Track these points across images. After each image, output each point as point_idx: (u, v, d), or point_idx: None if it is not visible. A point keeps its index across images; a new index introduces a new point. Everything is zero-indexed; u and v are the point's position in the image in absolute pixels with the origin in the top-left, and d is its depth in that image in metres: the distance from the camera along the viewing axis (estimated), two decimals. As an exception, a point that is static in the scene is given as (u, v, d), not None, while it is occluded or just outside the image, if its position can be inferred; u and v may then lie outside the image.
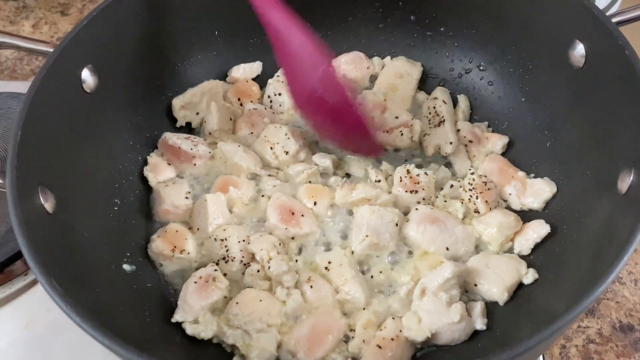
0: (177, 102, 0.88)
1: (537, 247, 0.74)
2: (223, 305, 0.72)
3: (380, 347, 0.65)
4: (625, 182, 0.61)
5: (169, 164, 0.84)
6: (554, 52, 0.76)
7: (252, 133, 0.87)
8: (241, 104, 0.92)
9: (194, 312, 0.70)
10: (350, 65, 0.92)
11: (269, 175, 0.83)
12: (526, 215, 0.78)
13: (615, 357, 0.78)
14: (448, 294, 0.67)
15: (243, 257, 0.74)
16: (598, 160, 0.70)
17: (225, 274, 0.74)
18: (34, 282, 0.83)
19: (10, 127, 0.97)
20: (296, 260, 0.75)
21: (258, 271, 0.73)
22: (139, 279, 0.73)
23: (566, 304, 0.51)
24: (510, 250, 0.76)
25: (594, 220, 0.66)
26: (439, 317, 0.66)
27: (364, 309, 0.71)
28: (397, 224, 0.74)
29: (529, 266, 0.72)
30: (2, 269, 0.83)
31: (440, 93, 0.88)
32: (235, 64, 0.94)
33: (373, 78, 0.93)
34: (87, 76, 0.74)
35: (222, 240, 0.75)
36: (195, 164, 0.84)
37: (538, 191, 0.77)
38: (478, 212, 0.77)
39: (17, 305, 0.81)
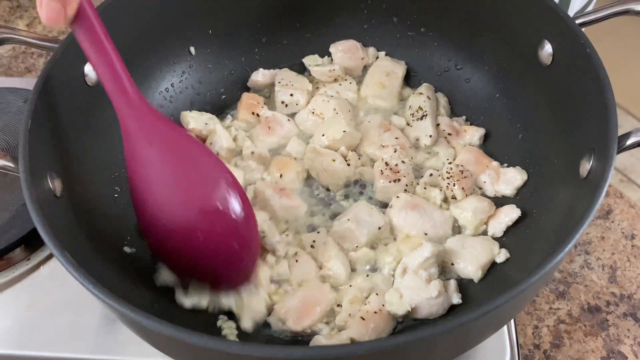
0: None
1: (509, 229, 0.79)
2: None
3: (363, 319, 0.70)
4: (585, 168, 0.67)
5: None
6: (525, 51, 0.81)
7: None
8: (257, 115, 0.92)
9: (167, 280, 0.75)
10: (346, 54, 0.96)
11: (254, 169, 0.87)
12: (499, 201, 0.83)
13: (584, 336, 0.83)
14: (427, 272, 0.72)
15: None
16: (564, 149, 0.75)
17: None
18: (35, 268, 0.86)
19: (10, 121, 1.00)
20: (287, 235, 0.80)
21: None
22: (139, 260, 0.77)
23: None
24: (485, 233, 0.81)
25: (558, 204, 0.72)
26: (419, 293, 0.70)
27: (350, 286, 0.75)
28: (379, 228, 0.78)
29: (501, 247, 0.77)
30: (2, 256, 0.86)
31: (425, 89, 0.93)
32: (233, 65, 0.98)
33: (366, 68, 0.98)
34: (90, 70, 0.78)
35: None
36: None
37: (510, 179, 0.83)
38: (455, 198, 0.82)
39: (20, 289, 0.84)
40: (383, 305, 0.71)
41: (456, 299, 0.73)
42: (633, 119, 2.53)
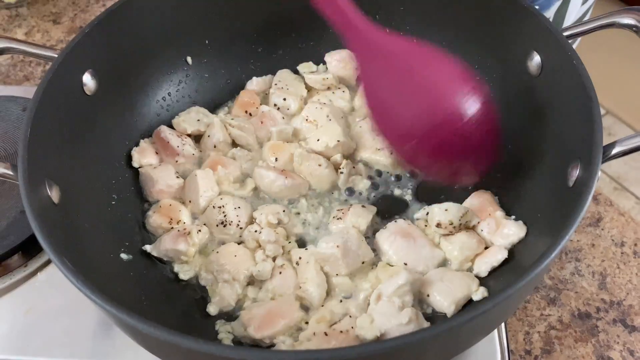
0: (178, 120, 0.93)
1: (495, 270, 0.78)
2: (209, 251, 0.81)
3: (326, 334, 0.70)
4: (573, 176, 0.68)
5: (156, 153, 0.90)
6: (514, 62, 0.83)
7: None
8: (250, 115, 0.95)
9: (161, 251, 0.80)
10: (340, 63, 0.97)
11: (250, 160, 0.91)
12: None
13: (574, 342, 0.84)
14: (401, 299, 0.71)
15: (240, 221, 0.82)
16: (553, 158, 0.76)
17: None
18: (32, 274, 0.87)
19: (8, 129, 1.01)
20: (289, 242, 0.82)
21: (256, 231, 0.81)
22: (136, 267, 0.78)
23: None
24: (470, 270, 0.79)
25: (547, 211, 0.73)
26: (390, 319, 0.69)
27: (322, 306, 0.75)
28: (363, 263, 0.78)
29: (482, 285, 0.76)
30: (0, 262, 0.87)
31: None
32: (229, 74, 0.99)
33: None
34: (88, 80, 0.80)
35: (220, 207, 0.82)
36: (177, 161, 0.89)
37: (508, 233, 0.79)
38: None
39: (17, 295, 0.85)
40: (352, 327, 0.71)
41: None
42: (626, 126, 2.56)
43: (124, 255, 0.79)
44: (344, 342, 0.69)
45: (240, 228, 0.82)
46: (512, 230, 0.79)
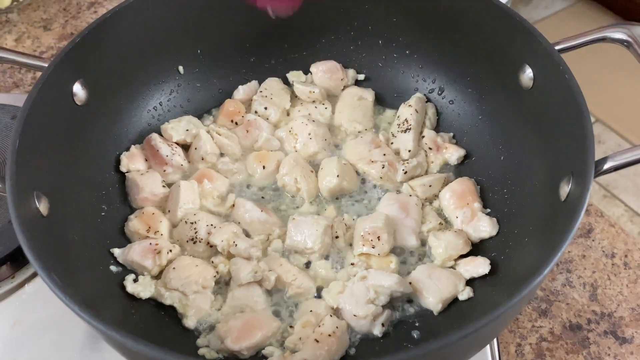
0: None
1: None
2: (160, 272, 0.79)
3: (317, 341, 0.70)
4: (564, 190, 0.68)
5: (146, 160, 0.89)
6: (507, 75, 0.83)
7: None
8: (236, 124, 0.95)
9: (127, 259, 0.78)
10: (326, 74, 0.98)
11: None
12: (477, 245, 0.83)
13: (565, 354, 0.84)
14: (376, 295, 0.73)
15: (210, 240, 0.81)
16: (544, 171, 0.77)
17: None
18: (20, 285, 0.86)
19: (-2, 136, 1.01)
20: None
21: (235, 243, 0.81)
22: (124, 279, 0.77)
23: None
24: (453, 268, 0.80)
25: (536, 225, 0.73)
26: (353, 303, 0.73)
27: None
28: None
29: (468, 284, 0.78)
30: (-13, 274, 0.86)
31: (415, 102, 0.94)
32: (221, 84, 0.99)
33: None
34: (78, 90, 0.79)
35: (192, 223, 0.81)
36: (164, 170, 0.88)
37: (480, 227, 0.82)
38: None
39: (4, 307, 0.84)
40: (337, 327, 0.72)
41: (377, 331, 0.74)
42: (615, 135, 2.58)
43: (113, 268, 0.78)
44: (334, 345, 0.71)
45: (211, 246, 0.81)
46: (485, 227, 0.82)
